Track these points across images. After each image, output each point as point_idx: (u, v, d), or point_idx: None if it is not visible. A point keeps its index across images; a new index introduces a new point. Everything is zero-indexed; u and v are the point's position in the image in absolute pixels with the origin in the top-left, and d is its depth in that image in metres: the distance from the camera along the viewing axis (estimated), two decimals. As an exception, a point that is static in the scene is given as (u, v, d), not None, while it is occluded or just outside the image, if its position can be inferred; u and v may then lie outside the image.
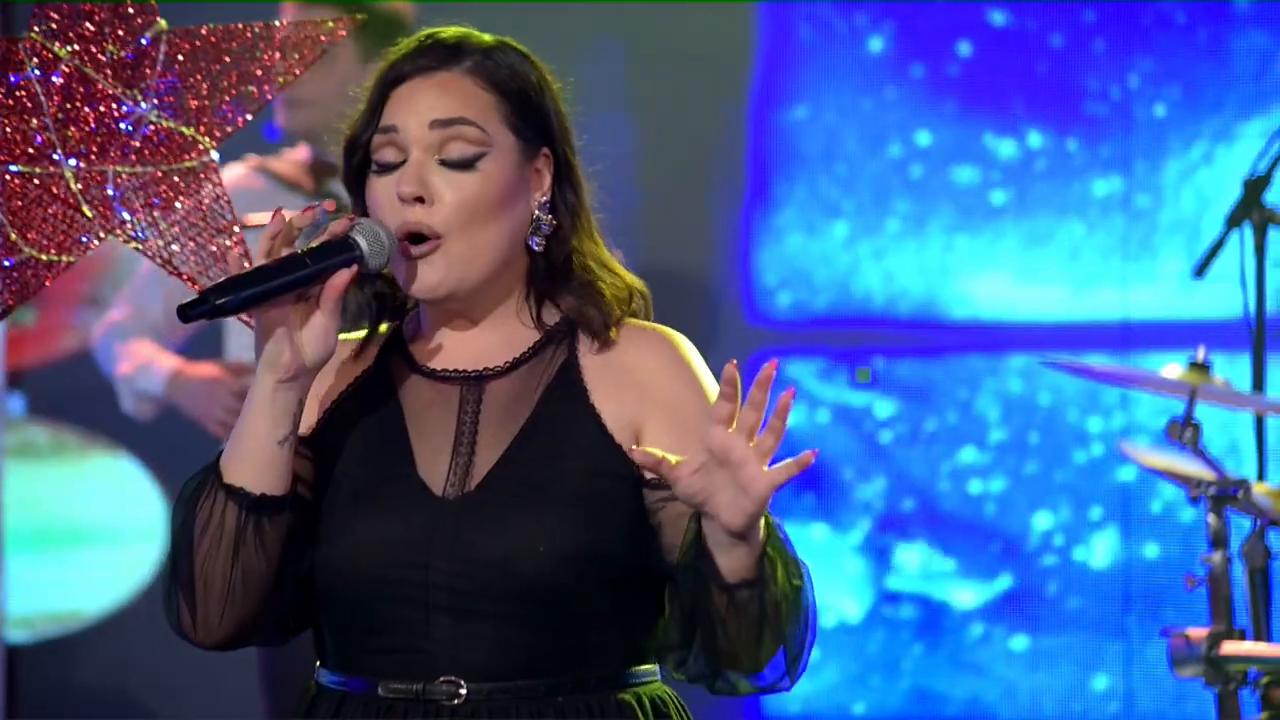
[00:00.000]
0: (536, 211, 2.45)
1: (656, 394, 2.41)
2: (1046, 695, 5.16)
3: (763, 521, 2.27)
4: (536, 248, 2.45)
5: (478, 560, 2.35)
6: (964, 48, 5.20)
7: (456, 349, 2.46)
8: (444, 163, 2.41)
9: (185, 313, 2.28)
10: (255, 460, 2.35)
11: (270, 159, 4.56)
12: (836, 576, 5.19)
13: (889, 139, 5.21)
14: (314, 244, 2.35)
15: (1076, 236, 5.17)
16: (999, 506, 5.18)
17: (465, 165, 2.41)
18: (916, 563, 5.21)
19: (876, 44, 5.22)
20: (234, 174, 4.43)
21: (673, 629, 2.35)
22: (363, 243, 2.36)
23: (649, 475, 2.36)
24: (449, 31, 2.46)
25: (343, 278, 2.34)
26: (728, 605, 2.28)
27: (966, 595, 5.20)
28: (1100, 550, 5.14)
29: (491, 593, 2.35)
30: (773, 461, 2.24)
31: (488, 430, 2.41)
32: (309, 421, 2.43)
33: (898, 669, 5.20)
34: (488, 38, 2.47)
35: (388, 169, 2.42)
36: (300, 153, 4.55)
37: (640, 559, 2.39)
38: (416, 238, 2.40)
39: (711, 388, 2.43)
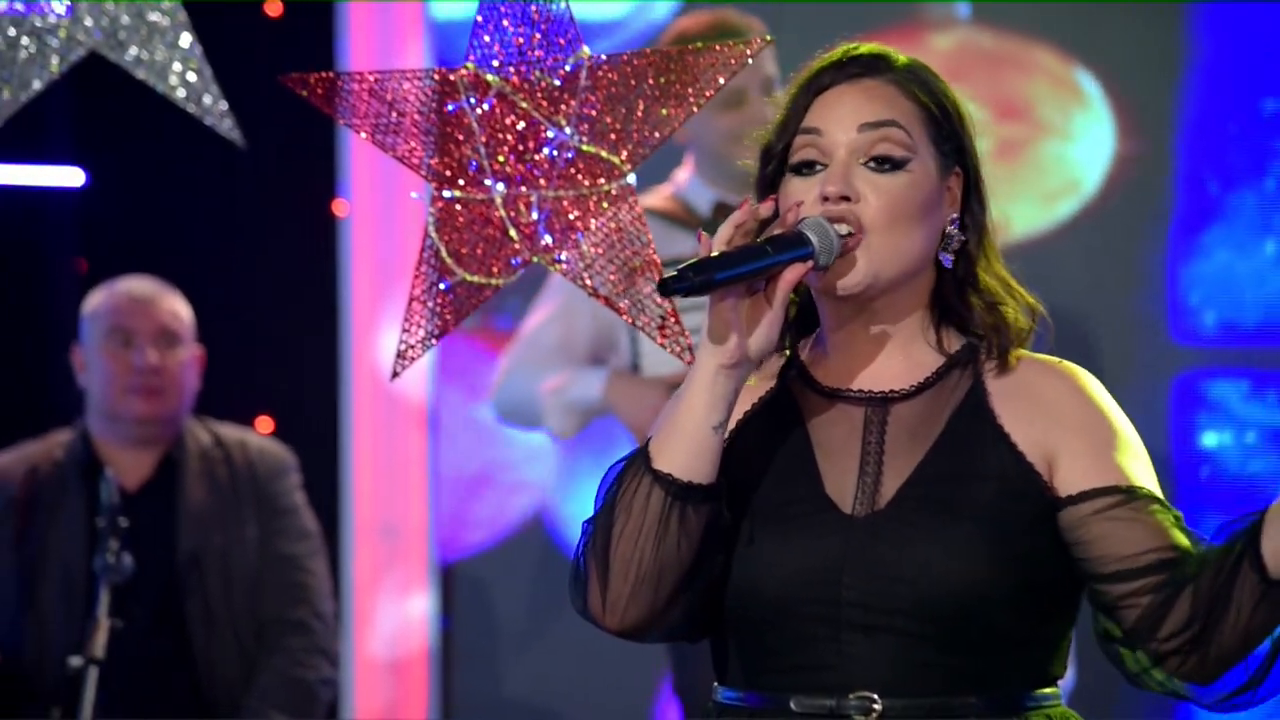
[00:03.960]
0: (948, 227, 2.46)
1: (1069, 420, 2.41)
2: None
3: None
4: (948, 263, 2.46)
5: (889, 577, 2.36)
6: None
7: (859, 371, 2.47)
8: (869, 165, 2.43)
9: (667, 286, 2.32)
10: (687, 445, 2.37)
11: (644, 196, 4.57)
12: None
13: (1324, 152, 5.05)
14: (769, 236, 2.38)
15: None
16: None
17: (892, 168, 2.42)
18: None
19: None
20: None
21: (1139, 618, 2.34)
22: (814, 239, 2.38)
23: (1069, 493, 2.36)
24: (869, 46, 2.49)
25: (795, 272, 2.36)
26: (1258, 599, 2.29)
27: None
28: None
29: (902, 610, 2.35)
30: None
31: (895, 450, 2.42)
32: None
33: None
34: (904, 57, 2.49)
35: (808, 171, 2.44)
36: (667, 188, 4.56)
37: (1048, 580, 2.39)
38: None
39: (1119, 418, 2.43)
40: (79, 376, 4.70)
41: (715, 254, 2.35)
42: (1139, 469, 2.41)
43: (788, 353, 2.52)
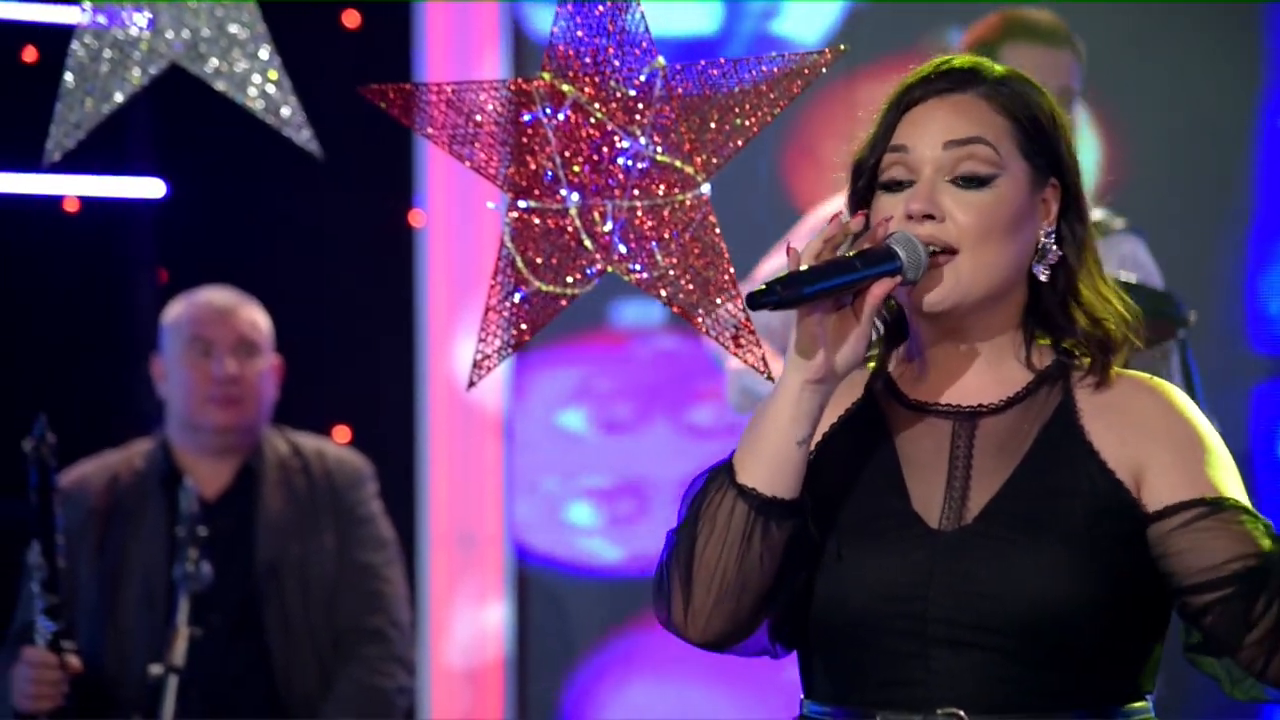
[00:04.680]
0: (1043, 240, 2.45)
1: (1158, 435, 2.40)
2: None
3: None
4: (1043, 277, 2.45)
5: (976, 593, 2.35)
6: None
7: (947, 385, 2.46)
8: (956, 183, 2.42)
9: (754, 300, 2.33)
10: (771, 459, 2.37)
11: None
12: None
13: None
14: (858, 250, 2.38)
15: None
16: None
17: (978, 185, 2.41)
18: None
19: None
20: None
21: (1225, 628, 2.34)
22: (902, 253, 2.38)
23: (1156, 507, 2.36)
24: (961, 59, 2.48)
25: (883, 287, 2.36)
26: None
27: None
28: None
29: (990, 625, 2.34)
30: None
31: (983, 464, 2.41)
32: None
33: None
34: (999, 68, 2.48)
35: (896, 188, 2.44)
36: None
37: (1136, 596, 2.38)
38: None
39: (1209, 432, 2.42)
40: (159, 386, 4.73)
41: (804, 268, 2.35)
42: (1228, 481, 2.39)
43: (872, 365, 2.52)
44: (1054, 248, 2.45)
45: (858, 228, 2.40)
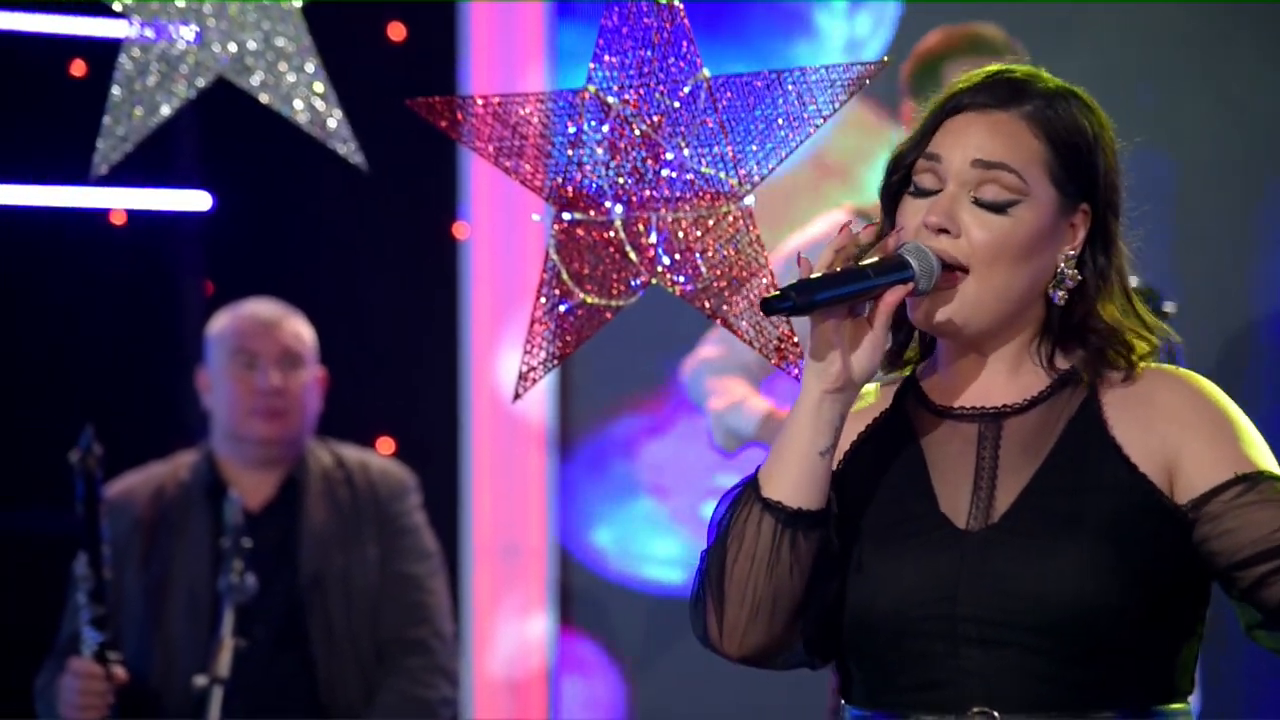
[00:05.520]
0: (1061, 265, 2.45)
1: (1187, 422, 2.41)
2: None
3: None
4: (1058, 301, 2.45)
5: (1005, 591, 2.36)
6: None
7: (971, 389, 2.47)
8: (977, 202, 2.42)
9: (770, 305, 2.35)
10: (795, 472, 2.39)
11: (865, 204, 4.51)
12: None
13: None
14: (870, 260, 2.40)
15: None
16: None
17: (996, 209, 2.42)
18: None
19: None
20: (834, 219, 4.41)
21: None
22: (914, 263, 2.39)
23: (1187, 499, 2.36)
24: (1019, 70, 2.48)
25: (896, 295, 2.38)
26: None
27: None
28: None
29: (1020, 624, 2.36)
30: None
31: (1008, 464, 2.43)
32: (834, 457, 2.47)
33: None
34: (1055, 82, 2.47)
35: (923, 194, 2.45)
36: None
37: (1166, 593, 2.39)
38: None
39: (1238, 414, 2.43)
40: (204, 398, 4.75)
41: (816, 275, 2.37)
42: (1262, 455, 2.40)
43: (905, 373, 2.53)
44: (1072, 273, 2.45)
45: (868, 239, 2.42)
